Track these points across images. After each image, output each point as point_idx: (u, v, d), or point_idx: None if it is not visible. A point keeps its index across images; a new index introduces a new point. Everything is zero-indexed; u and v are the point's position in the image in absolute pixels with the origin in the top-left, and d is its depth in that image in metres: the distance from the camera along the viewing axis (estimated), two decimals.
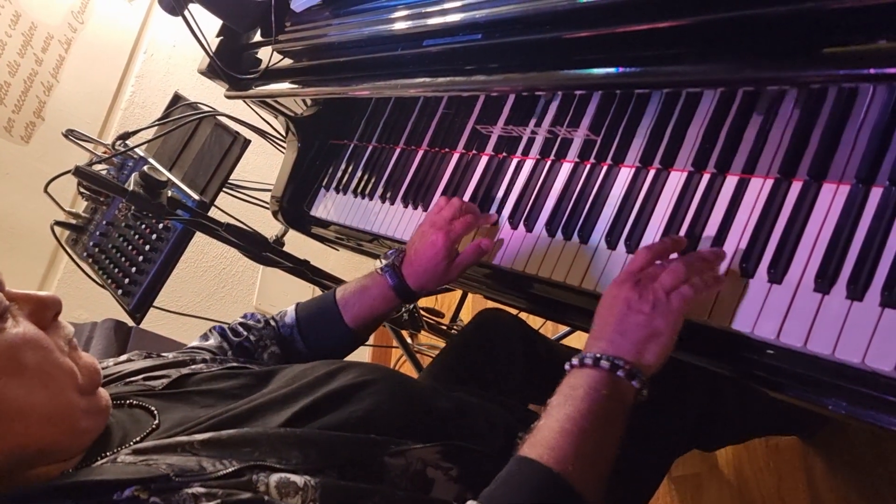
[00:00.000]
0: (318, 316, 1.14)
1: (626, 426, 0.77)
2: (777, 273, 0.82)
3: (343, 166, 1.63)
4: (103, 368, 0.80)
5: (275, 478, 0.68)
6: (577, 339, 2.06)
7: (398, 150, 1.48)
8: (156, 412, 0.79)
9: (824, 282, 0.78)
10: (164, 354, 0.98)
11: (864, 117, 0.78)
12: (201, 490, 0.63)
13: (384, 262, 1.13)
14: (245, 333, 1.12)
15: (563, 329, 2.13)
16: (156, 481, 0.63)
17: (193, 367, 0.94)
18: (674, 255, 0.90)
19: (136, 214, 1.68)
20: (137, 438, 0.74)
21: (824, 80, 0.69)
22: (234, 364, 0.99)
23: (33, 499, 0.63)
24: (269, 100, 1.60)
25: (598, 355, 0.78)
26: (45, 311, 0.71)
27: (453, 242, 1.10)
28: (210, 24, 1.58)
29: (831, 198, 0.81)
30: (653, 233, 0.97)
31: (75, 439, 0.70)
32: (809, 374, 0.78)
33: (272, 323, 1.16)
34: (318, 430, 0.79)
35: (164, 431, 0.75)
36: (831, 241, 0.79)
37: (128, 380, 0.88)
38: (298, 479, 0.69)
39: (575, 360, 0.80)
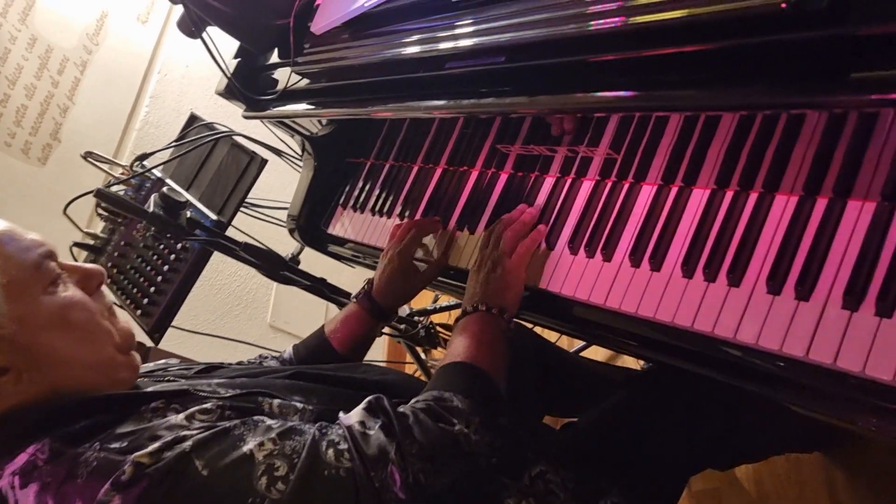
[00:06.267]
0: (314, 348, 1.26)
1: (507, 345, 1.01)
2: (804, 290, 0.82)
3: (360, 184, 1.64)
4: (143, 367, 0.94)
5: (277, 401, 0.83)
6: (593, 352, 2.06)
7: (416, 169, 1.49)
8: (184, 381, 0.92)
9: (852, 298, 0.78)
10: None
11: (888, 135, 0.79)
12: (215, 402, 0.77)
13: (358, 291, 1.32)
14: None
15: (579, 343, 2.14)
16: (177, 395, 0.78)
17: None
18: None
19: (155, 235, 1.69)
20: None
21: (854, 104, 0.70)
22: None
23: (69, 412, 0.75)
24: (286, 120, 1.62)
25: (474, 305, 1.04)
26: (90, 280, 0.85)
27: (404, 256, 1.28)
28: (227, 45, 1.59)
29: (857, 216, 0.81)
30: (677, 250, 0.97)
31: (113, 386, 0.82)
32: (835, 391, 0.79)
33: (277, 358, 1.27)
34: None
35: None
36: (858, 259, 0.79)
37: (166, 370, 1.01)
38: (298, 404, 0.84)
39: (459, 314, 1.05)
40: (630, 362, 2.02)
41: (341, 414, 0.82)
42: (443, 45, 1.05)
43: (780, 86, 0.71)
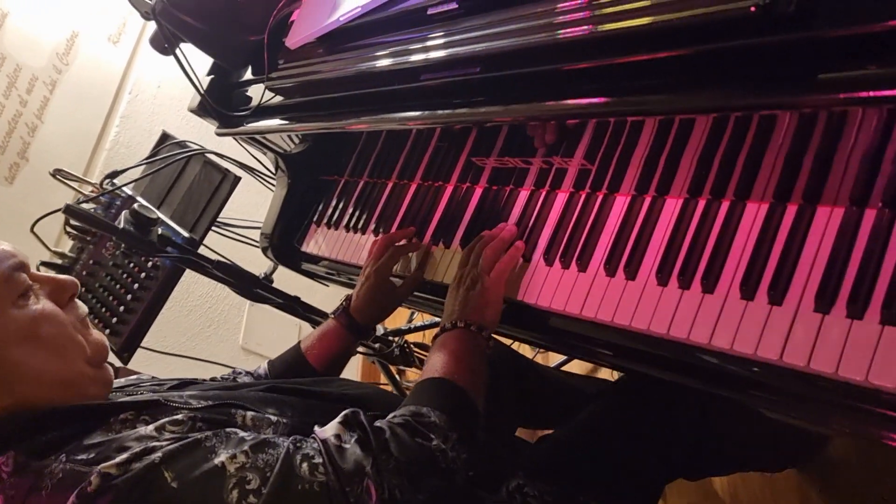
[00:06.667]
0: (290, 364, 1.25)
1: (485, 363, 1.01)
2: (777, 295, 0.83)
3: (334, 202, 1.63)
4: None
5: (251, 413, 0.82)
6: (569, 367, 2.06)
7: (390, 185, 1.49)
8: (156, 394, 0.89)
9: (823, 302, 0.79)
10: None
11: (855, 141, 0.81)
12: (186, 413, 0.76)
13: (336, 308, 1.31)
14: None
15: (559, 358, 2.14)
16: (147, 406, 0.76)
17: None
18: None
19: (125, 252, 1.66)
20: None
21: (823, 104, 0.71)
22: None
23: (35, 424, 0.73)
24: (259, 137, 1.61)
25: (453, 322, 1.03)
26: (62, 292, 0.82)
27: (380, 272, 1.27)
28: (200, 63, 1.59)
29: (826, 221, 0.83)
30: (651, 259, 0.98)
31: (83, 401, 0.78)
32: (809, 394, 0.80)
33: (251, 374, 1.25)
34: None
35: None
36: (829, 263, 0.81)
37: (137, 385, 0.98)
38: (272, 417, 0.83)
39: (438, 331, 1.05)
40: (604, 376, 2.02)
41: (316, 427, 0.81)
42: (418, 57, 1.06)
43: (751, 88, 0.72)
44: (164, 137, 1.91)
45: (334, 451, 0.75)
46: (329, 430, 0.79)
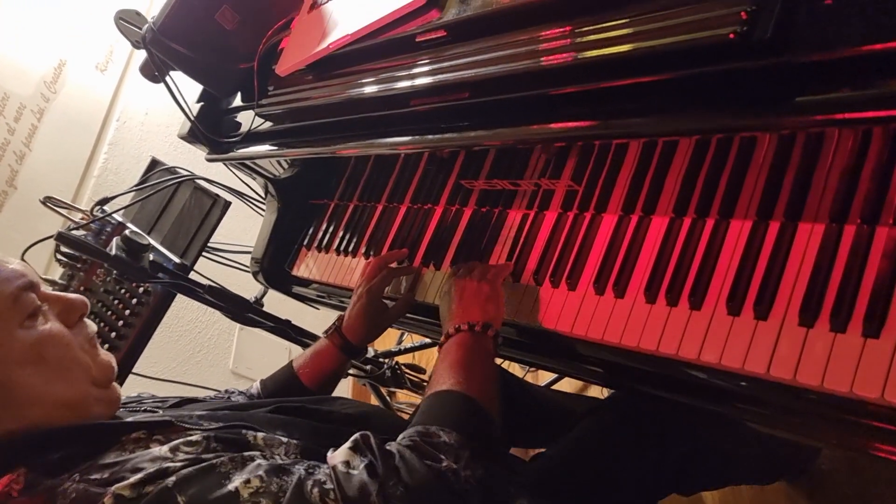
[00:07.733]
0: (283, 383, 1.25)
1: (494, 364, 1.00)
2: (762, 310, 0.85)
3: (324, 226, 1.65)
4: None
5: (261, 434, 0.81)
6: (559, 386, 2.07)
7: (380, 208, 1.51)
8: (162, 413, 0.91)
9: (807, 316, 0.81)
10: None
11: (832, 160, 0.83)
12: (201, 434, 0.76)
13: (329, 327, 1.31)
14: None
15: (548, 378, 2.15)
16: (160, 426, 0.77)
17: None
18: None
19: (116, 279, 1.67)
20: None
21: (800, 125, 0.74)
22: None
23: (46, 442, 0.73)
24: (249, 162, 1.63)
25: (456, 326, 1.01)
26: (71, 312, 0.81)
27: (372, 292, 1.28)
28: (190, 89, 1.61)
29: (807, 238, 0.85)
30: (639, 277, 1.00)
31: (89, 420, 0.79)
32: (796, 407, 0.82)
33: (244, 393, 1.25)
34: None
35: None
36: (811, 279, 0.83)
37: (140, 402, 0.99)
38: (283, 437, 0.83)
39: (441, 339, 1.03)
40: (594, 394, 2.03)
41: (330, 452, 0.80)
42: (407, 84, 1.08)
43: (732, 110, 0.75)
44: (154, 164, 1.92)
45: (342, 477, 0.74)
46: (338, 457, 0.78)
